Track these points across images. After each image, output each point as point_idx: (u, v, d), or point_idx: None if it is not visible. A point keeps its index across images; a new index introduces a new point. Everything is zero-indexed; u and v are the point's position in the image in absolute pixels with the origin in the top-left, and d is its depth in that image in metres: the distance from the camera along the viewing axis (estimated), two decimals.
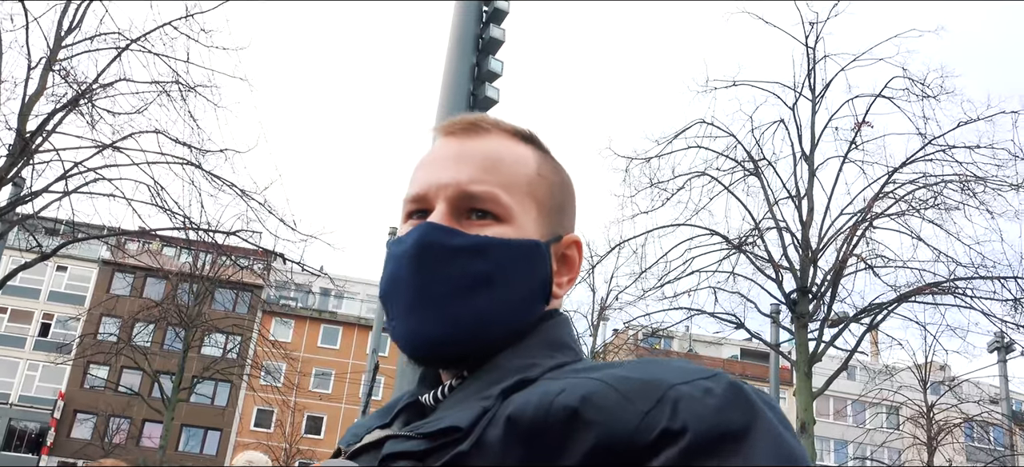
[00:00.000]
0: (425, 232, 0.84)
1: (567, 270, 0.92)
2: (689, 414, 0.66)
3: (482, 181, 0.86)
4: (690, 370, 0.72)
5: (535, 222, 0.88)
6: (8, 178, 10.40)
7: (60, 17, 10.93)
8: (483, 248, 0.83)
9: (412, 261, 0.83)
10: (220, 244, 12.15)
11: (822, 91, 12.82)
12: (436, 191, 0.87)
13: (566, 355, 0.85)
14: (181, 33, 11.15)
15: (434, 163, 0.90)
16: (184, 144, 11.16)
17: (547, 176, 0.91)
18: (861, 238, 12.26)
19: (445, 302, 0.82)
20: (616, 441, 0.66)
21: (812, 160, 12.73)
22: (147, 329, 26.63)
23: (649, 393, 0.68)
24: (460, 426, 0.73)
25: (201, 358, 28.14)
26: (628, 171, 13.25)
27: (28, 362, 38.04)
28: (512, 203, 0.86)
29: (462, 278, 0.82)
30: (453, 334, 0.82)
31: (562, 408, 0.69)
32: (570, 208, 0.95)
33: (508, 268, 0.84)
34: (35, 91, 10.61)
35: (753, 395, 0.70)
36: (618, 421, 0.66)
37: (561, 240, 0.91)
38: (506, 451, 0.70)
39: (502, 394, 0.75)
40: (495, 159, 0.88)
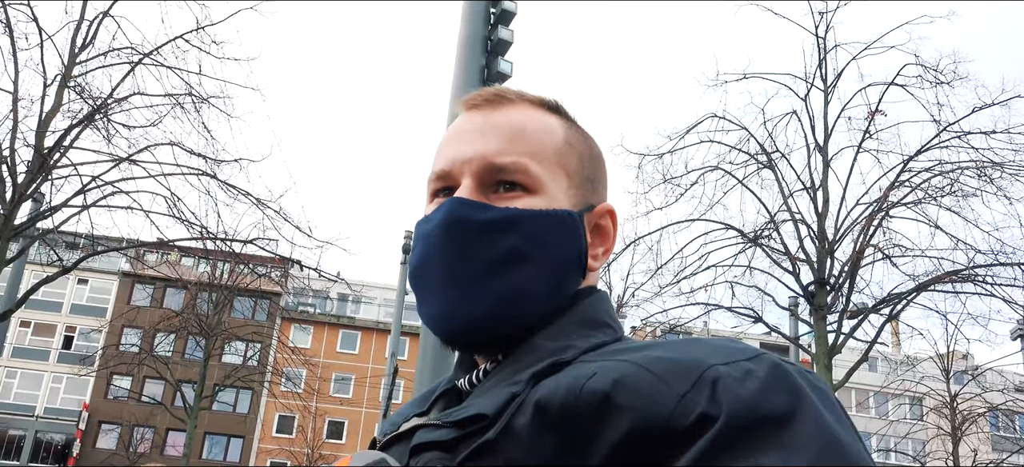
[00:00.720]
0: (452, 208, 0.80)
1: (601, 241, 0.89)
2: (728, 397, 0.62)
3: (509, 152, 0.82)
4: (731, 350, 0.68)
5: (566, 192, 0.84)
6: (28, 194, 10.54)
7: (73, 34, 11.05)
8: (515, 221, 0.80)
9: (441, 239, 0.80)
10: (237, 253, 12.25)
11: (834, 81, 12.74)
12: (461, 166, 0.83)
13: (604, 334, 0.81)
14: (193, 45, 11.27)
15: (458, 138, 0.86)
16: (199, 155, 11.27)
17: (576, 145, 0.88)
18: (878, 228, 12.16)
19: (479, 281, 0.79)
20: (651, 426, 0.62)
21: (826, 151, 12.65)
22: (168, 339, 26.86)
23: (686, 375, 0.64)
24: (486, 413, 0.70)
25: (222, 366, 28.31)
26: (641, 168, 13.24)
27: (52, 374, 38.44)
28: (541, 173, 0.83)
29: (495, 254, 0.79)
30: (489, 315, 0.79)
31: (593, 393, 0.65)
32: (601, 178, 0.92)
33: (541, 241, 0.80)
34: (51, 108, 10.74)
35: (799, 378, 0.65)
36: (653, 405, 0.63)
37: (594, 210, 0.88)
38: (535, 439, 0.66)
39: (532, 378, 0.72)
40: (521, 129, 0.85)
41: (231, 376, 26.16)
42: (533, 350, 0.77)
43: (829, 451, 0.59)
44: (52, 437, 38.43)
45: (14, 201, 10.35)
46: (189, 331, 24.05)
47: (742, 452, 0.59)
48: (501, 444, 0.67)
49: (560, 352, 0.75)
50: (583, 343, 0.77)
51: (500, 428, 0.68)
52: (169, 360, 25.81)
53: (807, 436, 0.60)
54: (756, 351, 0.68)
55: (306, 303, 39.17)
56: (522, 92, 0.89)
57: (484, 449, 0.68)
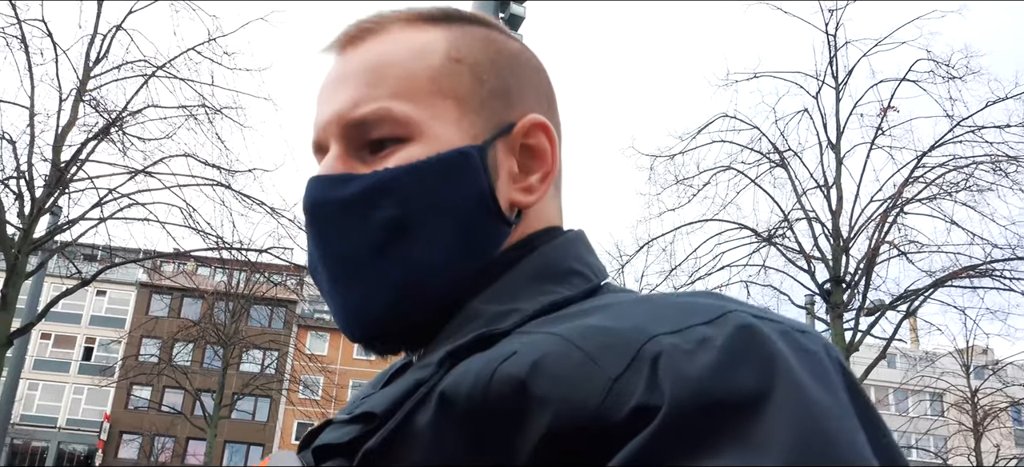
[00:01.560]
0: (309, 191, 0.67)
1: (537, 163, 0.70)
2: (671, 379, 0.46)
3: (366, 100, 0.66)
4: (689, 309, 0.52)
5: (457, 124, 0.66)
6: (46, 208, 10.67)
7: (87, 48, 11.17)
8: (381, 188, 0.64)
9: (311, 232, 0.67)
10: (253, 262, 12.35)
11: (845, 78, 12.68)
12: (324, 133, 0.69)
13: (570, 286, 0.64)
14: (205, 57, 11.35)
15: (321, 96, 0.71)
16: (213, 166, 11.35)
17: (468, 56, 0.69)
18: (893, 224, 12.09)
19: (364, 272, 0.64)
20: (577, 422, 0.47)
21: (839, 148, 12.60)
22: (186, 349, 27.03)
23: (621, 350, 0.49)
24: (374, 412, 0.56)
25: (240, 375, 28.50)
26: (653, 169, 13.23)
27: (73, 386, 38.81)
28: (413, 112, 0.65)
29: (372, 235, 0.64)
30: (387, 311, 0.65)
31: (506, 381, 0.50)
32: (522, 87, 0.71)
33: (425, 200, 0.64)
34: (67, 122, 10.87)
35: (778, 342, 0.48)
36: (578, 394, 0.48)
37: (512, 130, 0.69)
38: (437, 442, 0.52)
39: (448, 360, 0.56)
40: (381, 64, 0.67)
41: (249, 384, 26.34)
42: (468, 318, 0.62)
43: (808, 445, 0.43)
44: (74, 448, 38.80)
45: (33, 215, 10.48)
46: (207, 340, 24.21)
47: (688, 454, 0.44)
48: (395, 450, 0.53)
49: (498, 319, 0.60)
50: (532, 305, 0.61)
51: (389, 431, 0.54)
52: (188, 369, 25.99)
53: (780, 425, 0.43)
54: (722, 308, 0.51)
55: (322, 310, 39.33)
56: (398, 11, 0.71)
57: (368, 459, 0.54)
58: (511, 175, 0.69)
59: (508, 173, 0.68)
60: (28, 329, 10.92)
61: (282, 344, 29.74)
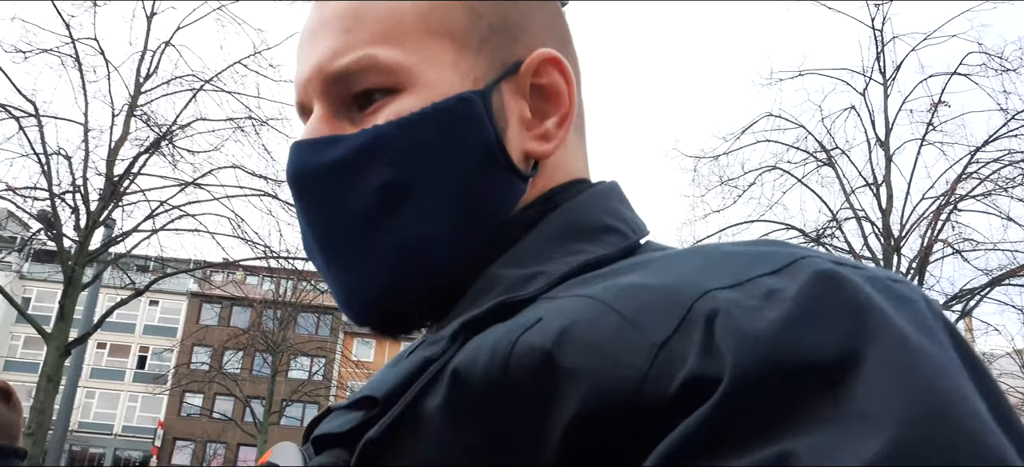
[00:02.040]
0: (293, 159, 0.58)
1: (553, 105, 0.61)
2: (734, 341, 0.37)
3: (347, 48, 0.57)
4: (750, 258, 0.43)
5: (454, 66, 0.57)
6: (100, 221, 10.97)
7: (138, 65, 11.50)
8: (371, 148, 0.55)
9: (299, 206, 0.59)
10: (300, 270, 12.57)
11: (893, 73, 12.41)
12: (304, 91, 0.60)
13: (604, 244, 0.55)
14: (251, 70, 11.63)
15: (299, 51, 0.62)
16: (260, 176, 11.59)
17: None
18: (946, 222, 11.79)
19: (360, 246, 0.56)
20: (616, 400, 0.38)
21: (888, 145, 12.33)
22: (236, 356, 27.55)
23: (669, 309, 0.40)
24: (375, 396, 0.48)
25: (289, 382, 28.90)
26: (697, 170, 13.10)
27: (128, 394, 39.69)
28: (401, 57, 0.56)
29: (366, 203, 0.55)
30: (387, 287, 0.56)
31: (528, 353, 0.42)
32: (527, 19, 0.62)
33: (423, 157, 0.55)
34: (120, 137, 11.19)
35: (866, 290, 0.38)
36: (615, 365, 0.39)
37: (519, 68, 0.60)
38: (450, 429, 0.44)
39: (462, 332, 0.48)
40: (359, 6, 0.58)
41: (297, 391, 26.70)
42: (489, 284, 0.54)
43: (919, 414, 0.32)
44: (130, 454, 39.69)
45: (88, 228, 10.79)
46: (256, 348, 24.62)
47: (759, 433, 0.34)
48: (400, 439, 0.45)
49: (522, 284, 0.52)
50: (559, 266, 0.52)
51: (393, 418, 0.46)
52: (238, 377, 26.46)
53: (879, 391, 0.33)
54: (792, 255, 0.42)
55: None
56: None
57: (369, 449, 0.46)
58: (523, 121, 0.59)
59: (519, 119, 0.59)
60: (85, 339, 11.22)
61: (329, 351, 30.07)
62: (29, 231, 11.77)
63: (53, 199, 10.59)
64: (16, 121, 10.46)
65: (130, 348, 40.34)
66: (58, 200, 10.69)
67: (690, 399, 0.36)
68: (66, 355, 10.67)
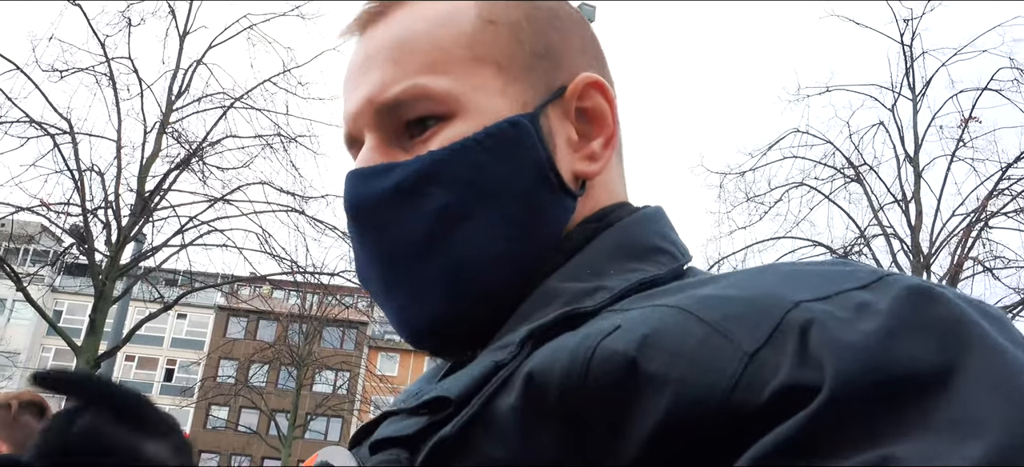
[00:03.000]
0: (348, 188, 0.60)
1: (597, 129, 0.63)
2: (832, 350, 0.37)
3: (396, 79, 0.59)
4: (834, 274, 0.43)
5: (502, 92, 0.59)
6: (131, 236, 11.13)
7: (170, 83, 11.68)
8: (431, 172, 0.57)
9: (356, 233, 0.61)
10: (326, 285, 12.67)
11: (923, 89, 12.29)
12: (355, 123, 0.62)
13: (656, 264, 0.56)
14: (280, 88, 11.78)
15: (347, 84, 0.64)
16: (288, 192, 11.73)
17: (502, 17, 0.62)
18: (977, 239, 11.63)
19: (416, 271, 0.57)
20: (703, 407, 0.39)
21: (917, 161, 12.20)
22: (262, 370, 27.70)
23: (758, 319, 0.40)
24: (448, 397, 0.49)
25: (313, 395, 29.03)
26: (722, 187, 13.03)
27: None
28: (451, 85, 0.58)
29: (422, 228, 0.57)
30: (446, 311, 0.58)
31: (611, 358, 0.42)
32: (567, 44, 0.64)
33: (477, 181, 0.57)
34: (151, 153, 11.36)
35: (960, 304, 0.39)
36: (703, 373, 0.39)
37: (564, 93, 0.62)
38: (525, 432, 0.44)
39: (530, 339, 0.49)
40: (405, 38, 0.60)
41: (322, 405, 26.81)
42: (547, 297, 0.54)
43: (1021, 425, 0.33)
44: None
45: (119, 243, 10.96)
46: (281, 362, 24.76)
47: (862, 439, 0.34)
48: (473, 439, 0.46)
49: (583, 297, 0.52)
50: (619, 282, 0.53)
51: (467, 418, 0.47)
52: (263, 390, 26.62)
53: (981, 401, 0.34)
54: (876, 272, 0.43)
55: (392, 331, 39.78)
56: None
57: (442, 448, 0.47)
58: (570, 143, 0.61)
59: (566, 141, 0.61)
60: (114, 352, 11.36)
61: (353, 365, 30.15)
62: (61, 245, 11.95)
63: (86, 214, 10.76)
64: (51, 138, 10.66)
65: (158, 361, 40.75)
66: (91, 215, 10.86)
67: (784, 407, 0.37)
68: (96, 368, 10.80)
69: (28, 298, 10.57)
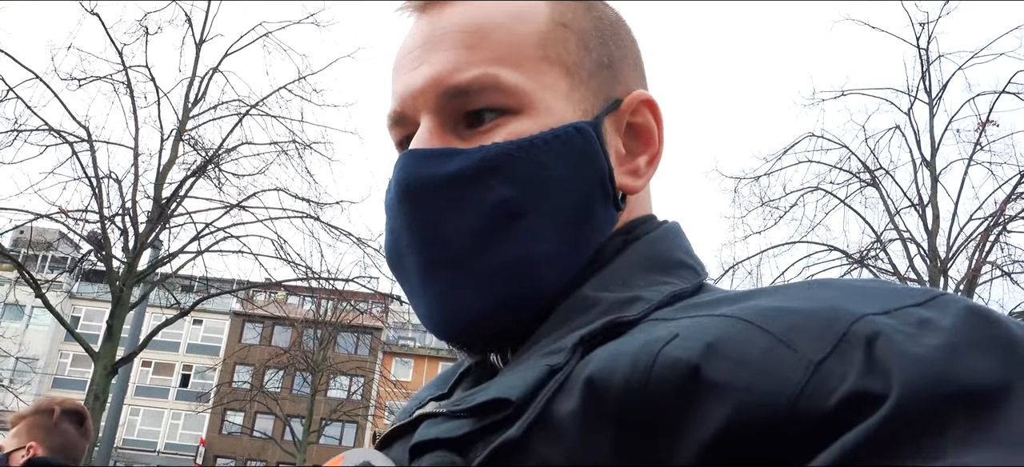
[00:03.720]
0: (405, 167, 0.58)
1: (643, 145, 0.64)
2: (899, 362, 0.38)
3: (469, 64, 0.59)
4: (891, 292, 0.44)
5: (568, 97, 0.60)
6: (148, 242, 11.23)
7: (187, 91, 11.80)
8: (496, 164, 0.56)
9: (404, 214, 0.59)
10: (341, 291, 12.68)
11: (939, 93, 12.20)
12: (413, 101, 0.61)
13: (681, 278, 0.58)
14: (295, 95, 11.87)
15: (404, 61, 0.63)
16: (303, 199, 11.79)
17: (574, 21, 0.62)
18: (995, 244, 11.53)
19: (467, 261, 0.57)
20: (768, 413, 0.40)
21: (934, 165, 12.11)
22: (277, 375, 27.83)
23: (822, 331, 0.41)
24: (509, 398, 0.49)
25: (328, 401, 29.13)
26: (737, 191, 12.98)
27: (171, 411, 40.26)
28: (522, 81, 0.58)
29: (480, 219, 0.56)
30: (491, 304, 0.57)
31: (673, 365, 0.43)
32: (627, 58, 0.65)
33: (541, 181, 0.57)
34: (168, 160, 11.46)
35: (1016, 328, 0.41)
36: (769, 380, 0.40)
37: (620, 106, 0.63)
38: (586, 434, 0.45)
39: (581, 345, 0.50)
40: (481, 25, 0.60)
41: (337, 410, 26.90)
42: (583, 305, 0.55)
43: None
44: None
45: (136, 249, 11.05)
46: (296, 367, 24.86)
47: (927, 448, 0.36)
48: (533, 442, 0.47)
49: (622, 307, 0.53)
50: (652, 293, 0.54)
51: (531, 420, 0.47)
52: (278, 396, 26.74)
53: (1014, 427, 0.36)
54: (928, 292, 0.44)
55: (406, 337, 39.87)
56: None
57: (506, 449, 0.47)
58: (618, 156, 0.62)
59: (615, 154, 0.62)
60: (132, 357, 11.45)
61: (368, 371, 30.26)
62: (79, 252, 12.06)
63: (103, 221, 10.86)
64: (70, 146, 10.77)
65: (174, 366, 40.96)
66: (108, 222, 10.96)
67: (852, 414, 0.37)
68: (113, 374, 10.89)
69: (46, 304, 10.67)
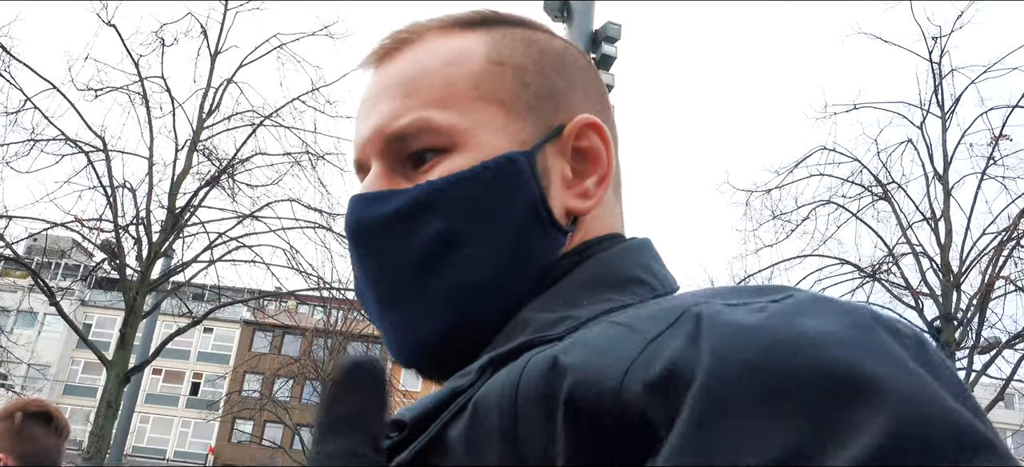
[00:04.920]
0: (350, 211, 0.63)
1: (591, 166, 0.66)
2: (713, 343, 0.40)
3: (405, 110, 0.62)
4: (749, 291, 0.46)
5: (504, 130, 0.62)
6: (161, 252, 11.30)
7: (201, 101, 11.89)
8: (429, 200, 0.60)
9: (356, 254, 0.64)
10: (351, 300, 12.73)
11: (952, 107, 12.17)
12: (364, 150, 0.66)
13: (633, 295, 0.58)
14: (308, 106, 11.93)
15: (360, 112, 0.68)
16: (316, 209, 11.85)
17: (511, 58, 0.65)
18: (1008, 258, 11.47)
19: (412, 294, 0.60)
20: (604, 385, 0.42)
21: (946, 179, 12.07)
22: (287, 385, 27.86)
23: (666, 316, 0.45)
24: (402, 419, 0.51)
25: None
26: (749, 204, 12.97)
27: (181, 419, 40.36)
28: (455, 119, 0.62)
29: (418, 253, 0.59)
30: (439, 332, 0.60)
31: (534, 373, 0.46)
32: (570, 87, 0.67)
33: (472, 212, 0.60)
34: (182, 170, 11.54)
35: (866, 314, 0.43)
36: (607, 357, 0.43)
37: (562, 132, 0.65)
38: (473, 455, 0.47)
39: (490, 365, 0.52)
40: (417, 73, 0.64)
41: None
42: (517, 328, 0.57)
43: (919, 411, 0.36)
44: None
45: (149, 259, 11.12)
46: (306, 376, 24.89)
47: (737, 425, 0.37)
48: (425, 465, 0.49)
49: (549, 327, 0.54)
50: (586, 312, 0.55)
51: (425, 443, 0.49)
52: (288, 405, 26.75)
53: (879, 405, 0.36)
54: (785, 289, 0.46)
55: None
56: (430, 20, 0.68)
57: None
58: (564, 180, 0.64)
59: (561, 178, 0.64)
60: (144, 365, 11.51)
61: None
62: (93, 260, 12.15)
63: (117, 230, 10.93)
64: (85, 156, 10.87)
65: (184, 374, 41.07)
66: (122, 231, 11.03)
67: (672, 379, 0.40)
68: (125, 382, 10.94)
69: (60, 312, 10.74)
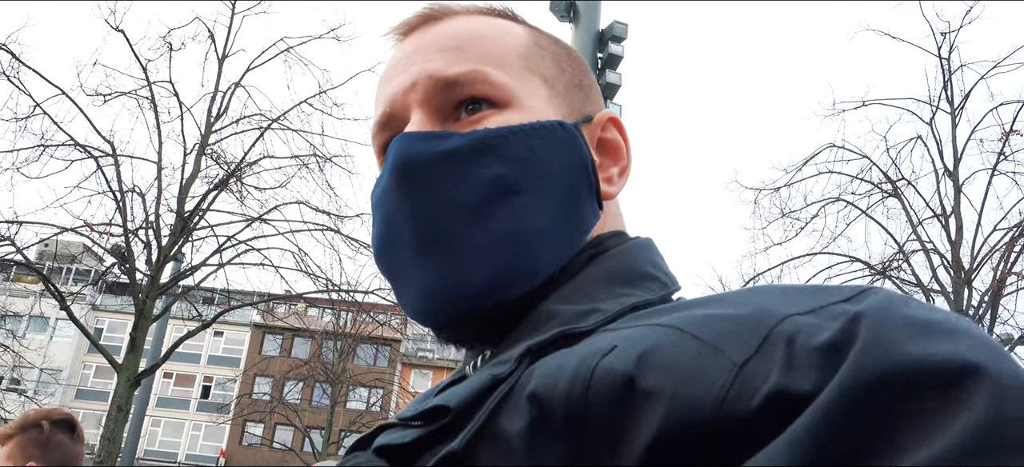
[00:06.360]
0: (401, 146, 0.60)
1: (612, 158, 0.68)
2: (813, 358, 0.39)
3: (460, 61, 0.63)
4: (817, 292, 0.45)
5: (548, 102, 0.65)
6: (171, 255, 11.34)
7: (209, 105, 11.92)
8: (489, 142, 0.59)
9: (398, 194, 0.60)
10: (360, 302, 12.74)
11: (961, 102, 12.11)
12: (403, 98, 0.64)
13: (648, 290, 0.59)
14: (316, 109, 11.95)
15: (394, 69, 0.67)
16: (324, 212, 11.85)
17: (548, 47, 0.69)
18: (1020, 254, 11.39)
19: (461, 234, 0.58)
20: (696, 418, 0.40)
21: (957, 175, 12.01)
22: (297, 387, 27.95)
23: (747, 335, 0.42)
24: (447, 405, 0.50)
25: (347, 412, 29.20)
26: (757, 202, 12.95)
27: (192, 422, 40.48)
28: (509, 81, 0.63)
29: (474, 193, 0.58)
30: (488, 276, 0.57)
31: (609, 376, 0.44)
32: (590, 86, 0.71)
33: (532, 162, 0.60)
34: (191, 174, 11.58)
35: (955, 318, 0.40)
36: (696, 386, 0.41)
37: (592, 120, 0.68)
38: (534, 450, 0.45)
39: (527, 356, 0.51)
40: (470, 34, 0.66)
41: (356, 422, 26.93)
42: (545, 318, 0.56)
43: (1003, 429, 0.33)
44: None
45: (159, 262, 11.16)
46: (316, 379, 24.95)
47: (868, 446, 0.35)
48: (478, 455, 0.47)
49: (578, 319, 0.54)
50: (614, 305, 0.55)
51: (473, 432, 0.48)
52: (298, 407, 26.83)
53: (979, 415, 0.34)
54: (860, 287, 0.44)
55: (425, 349, 39.94)
56: (461, 4, 0.70)
57: (451, 462, 0.48)
58: (593, 160, 0.66)
59: None
60: (154, 369, 11.55)
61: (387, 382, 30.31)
62: (103, 265, 12.21)
63: (127, 235, 10.97)
64: (95, 161, 10.91)
65: (195, 378, 41.20)
66: (132, 236, 11.07)
67: (773, 412, 0.38)
68: (136, 386, 10.98)
69: (71, 316, 10.79)
